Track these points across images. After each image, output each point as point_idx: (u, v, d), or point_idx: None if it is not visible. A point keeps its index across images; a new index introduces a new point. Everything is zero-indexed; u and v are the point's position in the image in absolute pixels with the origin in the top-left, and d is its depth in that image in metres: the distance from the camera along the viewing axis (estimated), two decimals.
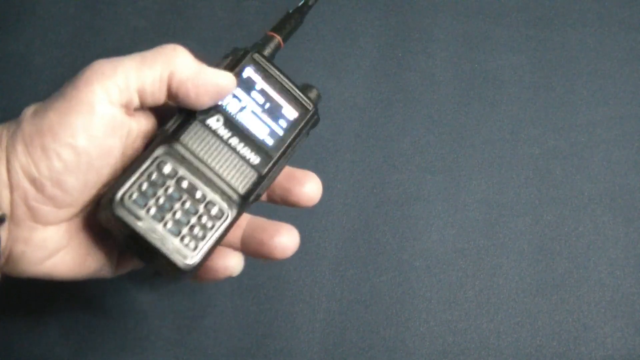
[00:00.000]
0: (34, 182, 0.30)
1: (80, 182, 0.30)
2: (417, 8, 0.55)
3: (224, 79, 0.32)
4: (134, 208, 0.30)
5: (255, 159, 0.33)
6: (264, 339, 0.45)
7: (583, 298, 0.46)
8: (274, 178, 0.34)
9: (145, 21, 0.52)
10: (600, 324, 0.46)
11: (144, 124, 0.33)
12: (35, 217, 0.30)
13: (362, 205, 0.48)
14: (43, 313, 0.44)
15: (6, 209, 0.30)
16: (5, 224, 0.30)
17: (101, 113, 0.30)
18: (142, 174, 0.31)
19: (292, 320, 0.45)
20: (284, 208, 0.37)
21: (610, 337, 0.45)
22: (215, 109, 0.33)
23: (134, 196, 0.30)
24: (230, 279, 0.46)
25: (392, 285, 0.46)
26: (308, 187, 0.35)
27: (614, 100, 0.52)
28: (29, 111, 0.31)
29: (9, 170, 0.29)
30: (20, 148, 0.29)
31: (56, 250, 0.32)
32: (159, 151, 0.31)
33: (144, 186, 0.30)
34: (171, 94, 0.31)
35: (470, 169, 0.50)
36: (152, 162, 0.31)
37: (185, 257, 0.30)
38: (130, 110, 0.31)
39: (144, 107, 0.32)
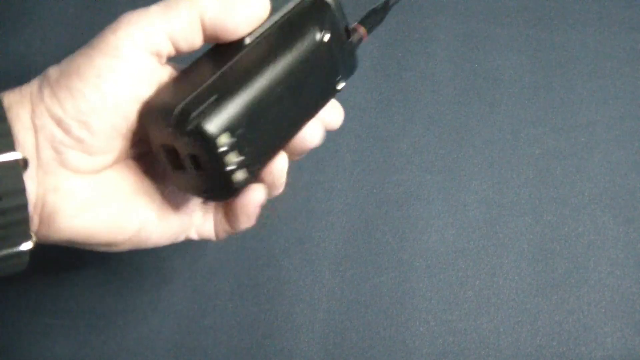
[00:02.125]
0: (59, 123, 0.29)
1: (108, 126, 0.30)
2: (417, 8, 0.55)
3: (256, 1, 0.32)
4: None
5: None
6: (264, 339, 0.45)
7: (583, 298, 0.46)
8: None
9: None
10: (600, 324, 0.46)
11: (173, 74, 0.32)
12: (64, 162, 0.30)
13: (362, 205, 0.48)
14: (43, 313, 0.44)
15: (30, 152, 0.29)
16: (33, 172, 0.29)
17: (127, 57, 0.30)
18: None
19: (292, 320, 0.45)
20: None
21: (610, 337, 0.45)
22: None
23: None
24: (230, 279, 0.46)
25: (392, 285, 0.46)
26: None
27: (614, 100, 0.52)
28: (54, 66, 0.31)
29: (33, 113, 0.29)
30: (46, 92, 0.29)
31: (91, 203, 0.31)
32: None
33: None
34: (208, 35, 0.31)
35: (470, 169, 0.50)
36: None
37: None
38: (162, 58, 0.31)
39: (179, 54, 0.32)
